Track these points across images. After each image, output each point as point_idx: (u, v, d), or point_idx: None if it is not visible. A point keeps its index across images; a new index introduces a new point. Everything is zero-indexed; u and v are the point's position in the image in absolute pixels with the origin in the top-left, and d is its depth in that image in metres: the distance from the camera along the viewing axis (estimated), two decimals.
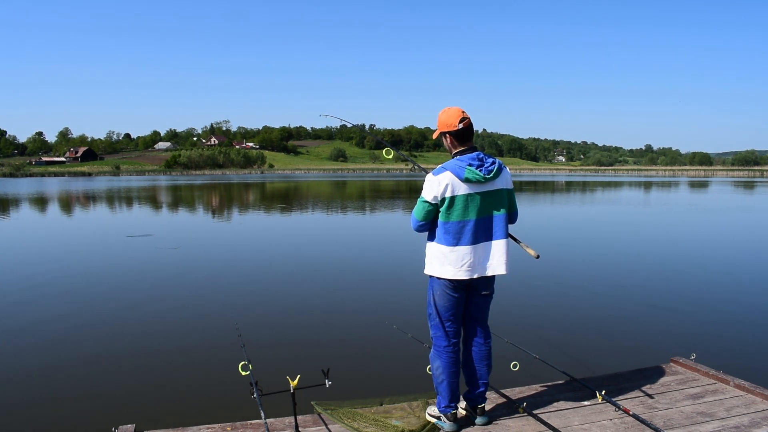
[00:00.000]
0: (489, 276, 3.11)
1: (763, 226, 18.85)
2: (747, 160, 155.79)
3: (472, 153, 3.04)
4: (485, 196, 3.04)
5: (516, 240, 3.33)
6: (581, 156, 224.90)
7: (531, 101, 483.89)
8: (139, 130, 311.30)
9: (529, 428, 3.11)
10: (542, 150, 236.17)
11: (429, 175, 3.05)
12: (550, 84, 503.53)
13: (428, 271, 3.14)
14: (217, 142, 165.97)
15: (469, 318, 3.22)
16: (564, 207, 27.13)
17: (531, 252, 3.19)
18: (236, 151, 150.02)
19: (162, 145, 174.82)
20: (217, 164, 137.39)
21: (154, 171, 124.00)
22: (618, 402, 3.33)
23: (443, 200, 2.99)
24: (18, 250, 13.25)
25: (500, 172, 3.06)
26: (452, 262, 3.02)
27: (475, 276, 3.06)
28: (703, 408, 3.34)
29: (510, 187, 3.16)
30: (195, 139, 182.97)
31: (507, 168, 3.17)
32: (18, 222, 20.71)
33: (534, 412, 3.24)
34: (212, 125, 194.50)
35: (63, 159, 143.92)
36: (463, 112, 3.08)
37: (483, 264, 3.07)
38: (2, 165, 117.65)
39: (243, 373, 3.19)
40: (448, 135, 3.09)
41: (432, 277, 3.14)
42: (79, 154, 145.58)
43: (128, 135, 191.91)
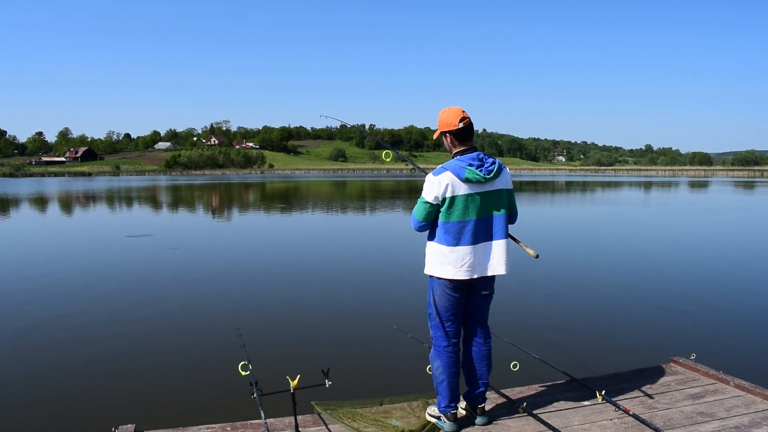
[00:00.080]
0: (489, 276, 3.11)
1: (763, 226, 18.85)
2: (747, 160, 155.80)
3: (473, 153, 3.04)
4: (485, 197, 3.04)
5: (515, 240, 3.32)
6: (581, 156, 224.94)
7: (531, 101, 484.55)
8: (139, 130, 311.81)
9: (529, 428, 3.11)
10: (542, 150, 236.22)
11: (429, 176, 3.05)
12: (550, 84, 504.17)
13: (428, 271, 3.14)
14: (217, 142, 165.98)
15: (469, 318, 3.22)
16: (564, 207, 27.13)
17: (530, 252, 3.19)
18: (236, 151, 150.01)
19: (162, 145, 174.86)
20: (217, 164, 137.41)
21: (154, 171, 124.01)
22: (618, 402, 3.33)
23: (444, 200, 2.99)
24: (18, 251, 13.26)
25: (500, 173, 3.06)
26: (452, 262, 3.02)
27: (475, 276, 3.06)
28: (703, 408, 3.34)
29: (510, 188, 3.16)
30: (195, 139, 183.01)
31: (507, 168, 3.17)
32: (18, 222, 20.71)
33: (534, 412, 3.24)
34: (212, 125, 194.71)
35: (63, 159, 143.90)
36: (464, 112, 3.09)
37: (483, 264, 3.07)
38: (2, 165, 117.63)
39: (243, 373, 3.19)
40: (449, 134, 3.10)
41: (432, 277, 3.14)
42: (79, 154, 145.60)
43: (128, 135, 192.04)
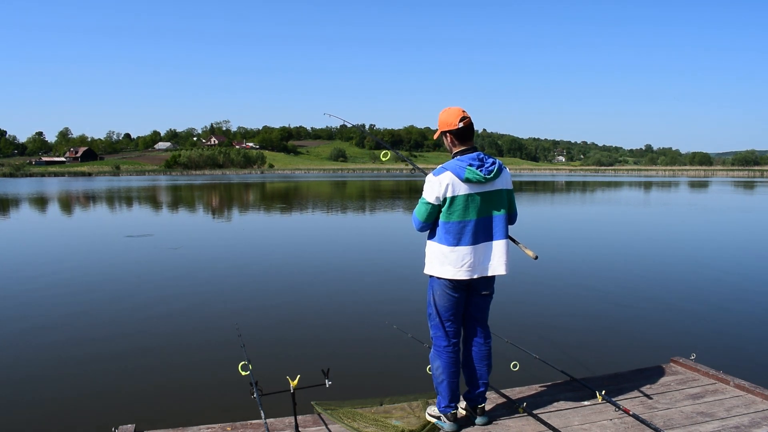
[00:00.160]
0: (489, 276, 3.11)
1: (763, 226, 18.85)
2: (747, 160, 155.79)
3: (473, 153, 3.04)
4: (485, 197, 3.04)
5: (515, 241, 3.32)
6: (581, 156, 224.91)
7: (531, 101, 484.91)
8: (139, 130, 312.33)
9: (529, 428, 3.11)
10: (542, 150, 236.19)
11: (429, 176, 3.05)
12: (550, 84, 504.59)
13: (428, 271, 3.14)
14: (217, 142, 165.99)
15: (469, 318, 3.22)
16: (564, 207, 27.12)
17: (529, 253, 3.20)
18: (236, 151, 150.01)
19: (162, 145, 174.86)
20: (217, 164, 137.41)
21: (154, 171, 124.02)
22: (618, 402, 3.33)
23: (444, 200, 2.99)
24: (18, 251, 13.25)
25: (500, 173, 3.06)
26: (452, 262, 3.02)
27: (475, 276, 3.06)
28: (703, 408, 3.34)
29: (510, 188, 3.16)
30: (195, 139, 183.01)
31: (507, 168, 3.17)
32: (18, 222, 20.71)
33: (534, 412, 3.24)
34: (212, 125, 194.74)
35: (63, 159, 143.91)
36: (464, 112, 3.09)
37: (483, 264, 3.07)
38: (2, 165, 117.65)
39: (243, 373, 3.19)
40: (449, 134, 3.10)
41: (432, 277, 3.14)
42: (79, 154, 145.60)
43: (128, 135, 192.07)
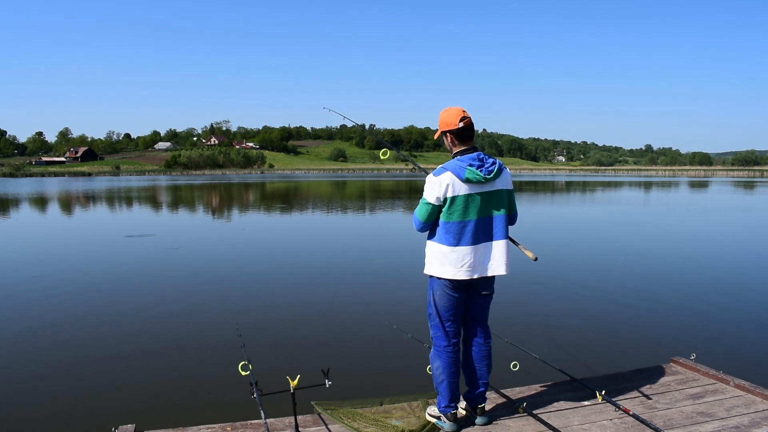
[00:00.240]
0: (489, 276, 3.11)
1: (763, 226, 18.84)
2: (747, 160, 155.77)
3: (473, 153, 3.04)
4: (485, 197, 3.04)
5: (515, 242, 3.32)
6: (581, 156, 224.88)
7: (531, 101, 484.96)
8: (139, 130, 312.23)
9: (529, 428, 3.11)
10: (542, 150, 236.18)
11: (429, 176, 3.05)
12: (550, 84, 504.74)
13: (428, 271, 3.14)
14: (217, 142, 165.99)
15: (469, 318, 3.22)
16: (564, 207, 27.12)
17: (529, 254, 3.20)
18: (236, 151, 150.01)
19: (162, 145, 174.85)
20: (217, 164, 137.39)
21: (154, 171, 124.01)
22: (618, 402, 3.33)
23: (445, 200, 2.99)
24: (18, 251, 13.25)
25: (500, 173, 3.06)
26: (452, 262, 3.02)
27: (475, 276, 3.06)
28: (703, 408, 3.34)
29: (510, 188, 3.16)
30: (195, 139, 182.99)
31: (507, 168, 3.17)
32: (18, 222, 20.71)
33: (534, 412, 3.24)
34: (212, 125, 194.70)
35: (63, 159, 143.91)
36: (464, 112, 3.09)
37: (483, 264, 3.07)
38: (2, 165, 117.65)
39: (243, 373, 3.19)
40: (449, 134, 3.10)
41: (432, 277, 3.14)
42: (79, 154, 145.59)
43: (128, 135, 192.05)
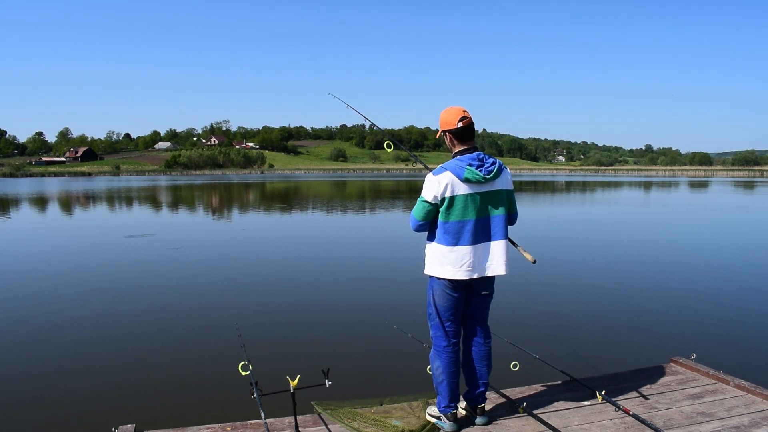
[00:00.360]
0: (488, 276, 3.11)
1: (764, 226, 18.84)
2: (747, 160, 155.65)
3: (473, 153, 3.04)
4: (485, 197, 3.04)
5: (514, 244, 3.33)
6: (581, 156, 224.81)
7: (531, 101, 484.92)
8: (139, 130, 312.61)
9: (529, 428, 3.11)
10: (542, 150, 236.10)
11: (429, 175, 3.05)
12: (550, 84, 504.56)
13: (428, 271, 3.14)
14: (217, 142, 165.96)
15: (469, 318, 3.22)
16: (564, 207, 27.12)
17: (528, 257, 3.21)
18: (236, 151, 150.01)
19: (162, 145, 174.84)
20: (217, 164, 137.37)
21: (154, 171, 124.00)
22: (618, 402, 3.33)
23: (443, 200, 2.99)
24: (18, 251, 13.25)
25: (500, 173, 3.06)
26: (452, 263, 3.02)
27: (475, 276, 3.06)
28: (703, 408, 3.34)
29: (510, 188, 3.15)
30: (195, 139, 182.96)
31: (507, 168, 3.17)
32: (18, 222, 20.71)
33: (534, 412, 3.24)
34: (212, 125, 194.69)
35: (63, 159, 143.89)
36: (465, 112, 3.08)
37: (482, 264, 3.07)
38: (2, 165, 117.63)
39: (243, 373, 3.19)
40: (449, 134, 3.10)
41: (432, 277, 3.14)
42: (79, 154, 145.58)
43: (128, 135, 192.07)
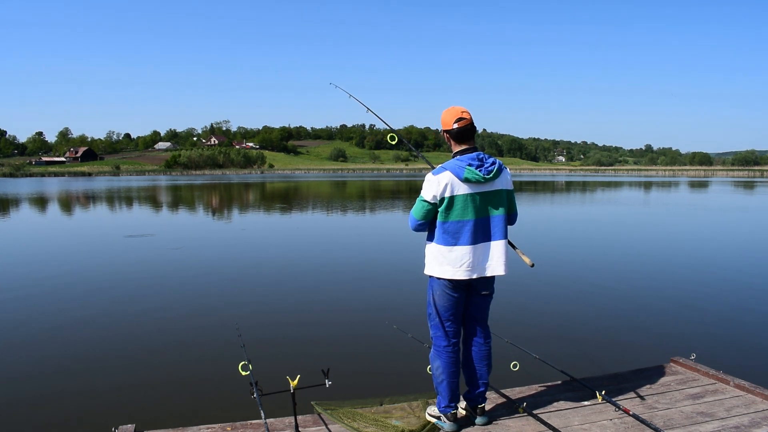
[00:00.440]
0: (488, 276, 3.11)
1: (764, 226, 18.84)
2: (747, 160, 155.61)
3: (473, 153, 3.04)
4: (484, 197, 3.04)
5: (513, 246, 3.34)
6: (581, 156, 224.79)
7: (531, 101, 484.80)
8: (139, 130, 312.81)
9: (529, 428, 3.11)
10: (542, 150, 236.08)
11: (429, 175, 3.05)
12: (550, 84, 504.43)
13: (428, 271, 3.14)
14: (217, 142, 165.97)
15: (469, 318, 3.22)
16: (564, 207, 27.12)
17: (526, 260, 3.21)
18: (236, 151, 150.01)
19: (162, 145, 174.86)
20: (217, 164, 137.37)
21: (154, 171, 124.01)
22: (618, 402, 3.33)
23: (442, 200, 2.99)
24: (17, 251, 13.25)
25: (500, 173, 3.06)
26: (451, 263, 3.02)
27: (474, 276, 3.06)
28: (703, 408, 3.34)
29: (510, 188, 3.15)
30: (195, 139, 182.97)
31: (507, 168, 3.17)
32: (18, 222, 20.71)
33: (534, 412, 3.24)
34: (212, 125, 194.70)
35: (63, 159, 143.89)
36: (463, 112, 3.08)
37: (482, 264, 3.07)
38: (2, 165, 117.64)
39: (243, 373, 3.19)
40: (447, 134, 3.11)
41: (432, 277, 3.14)
42: (79, 154, 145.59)
43: (128, 135, 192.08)
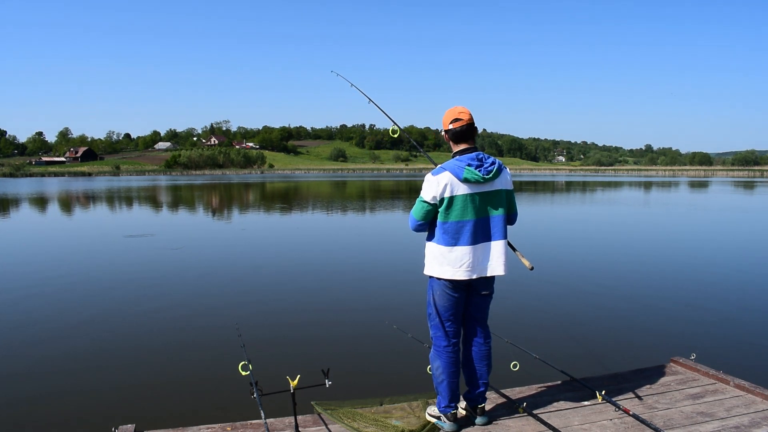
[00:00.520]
0: (488, 276, 3.11)
1: (764, 226, 18.84)
2: (747, 160, 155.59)
3: (472, 153, 3.04)
4: (484, 197, 3.04)
5: (513, 248, 3.34)
6: (581, 156, 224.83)
7: (531, 101, 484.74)
8: (139, 130, 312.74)
9: (529, 428, 3.11)
10: (542, 150, 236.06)
11: (428, 175, 3.05)
12: (551, 84, 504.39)
13: (428, 272, 3.14)
14: (217, 142, 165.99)
15: (469, 318, 3.22)
16: (564, 207, 27.12)
17: (526, 263, 3.22)
18: (236, 151, 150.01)
19: (162, 145, 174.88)
20: (217, 164, 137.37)
21: (154, 171, 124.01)
22: (618, 402, 3.33)
23: (442, 200, 2.99)
24: (17, 251, 13.25)
25: (500, 173, 3.06)
26: (451, 263, 3.02)
27: (474, 276, 3.06)
28: (703, 408, 3.34)
29: (510, 188, 3.15)
30: (195, 139, 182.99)
31: (507, 168, 3.17)
32: (18, 223, 20.71)
33: (534, 412, 3.24)
34: (212, 125, 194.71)
35: (63, 159, 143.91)
36: (460, 112, 3.08)
37: (482, 264, 3.07)
38: (2, 165, 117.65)
39: (243, 373, 3.19)
40: (446, 134, 3.12)
41: (432, 278, 3.14)
42: (79, 154, 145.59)
43: (128, 135, 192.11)
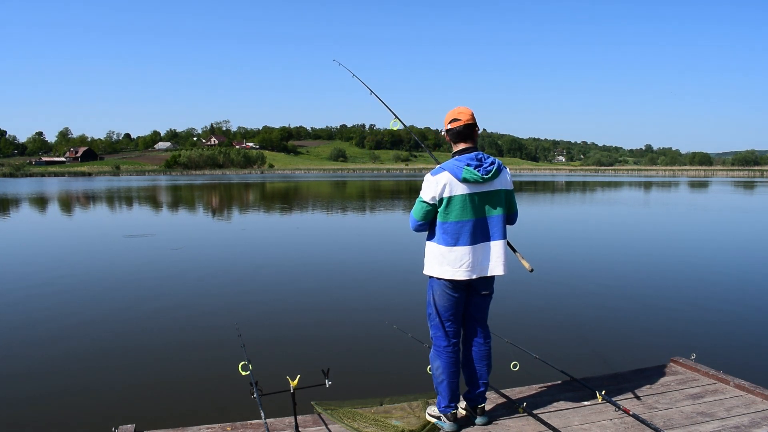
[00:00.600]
0: (488, 276, 3.11)
1: (764, 226, 18.84)
2: (747, 160, 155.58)
3: (472, 153, 3.04)
4: (483, 197, 3.04)
5: (513, 249, 3.34)
6: (581, 156, 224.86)
7: (531, 101, 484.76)
8: (139, 130, 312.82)
9: (529, 428, 3.11)
10: (542, 150, 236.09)
11: (427, 175, 3.06)
12: (551, 84, 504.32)
13: (427, 272, 3.14)
14: (217, 142, 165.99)
15: (469, 318, 3.22)
16: (564, 207, 27.12)
17: (525, 265, 3.22)
18: (236, 151, 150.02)
19: (162, 145, 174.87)
20: (217, 164, 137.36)
21: (154, 171, 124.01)
22: (618, 402, 3.33)
23: (441, 200, 3.00)
24: (18, 251, 13.25)
25: (499, 173, 3.06)
26: (451, 263, 3.02)
27: (474, 276, 3.06)
28: (703, 408, 3.34)
29: (509, 188, 3.15)
30: (195, 139, 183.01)
31: (507, 168, 3.17)
32: (18, 222, 20.71)
33: (534, 412, 3.24)
34: (212, 125, 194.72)
35: (63, 159, 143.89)
36: (459, 113, 3.09)
37: (482, 264, 3.07)
38: (2, 165, 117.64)
39: (243, 373, 3.19)
40: (446, 134, 3.13)
41: (431, 278, 3.14)
42: (79, 154, 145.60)
43: (128, 135, 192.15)
